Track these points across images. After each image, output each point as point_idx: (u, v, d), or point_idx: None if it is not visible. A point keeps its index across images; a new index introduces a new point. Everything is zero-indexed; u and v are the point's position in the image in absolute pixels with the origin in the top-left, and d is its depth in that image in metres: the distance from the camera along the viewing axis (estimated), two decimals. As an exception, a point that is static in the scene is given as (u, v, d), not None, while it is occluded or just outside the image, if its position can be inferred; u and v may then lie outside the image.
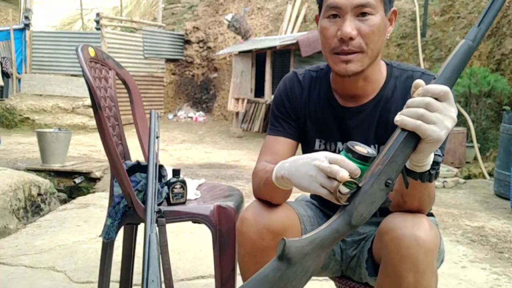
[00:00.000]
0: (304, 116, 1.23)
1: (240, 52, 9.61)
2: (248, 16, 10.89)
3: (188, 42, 11.94)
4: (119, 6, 15.68)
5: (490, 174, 5.29)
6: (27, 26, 10.40)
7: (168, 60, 11.75)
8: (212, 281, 2.02)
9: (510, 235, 3.09)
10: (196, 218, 1.49)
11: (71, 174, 5.08)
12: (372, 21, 1.05)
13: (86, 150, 6.77)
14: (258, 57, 9.41)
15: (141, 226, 1.54)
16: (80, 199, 3.87)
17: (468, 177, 5.44)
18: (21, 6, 12.03)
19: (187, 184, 1.59)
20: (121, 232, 1.62)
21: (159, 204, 1.46)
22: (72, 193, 4.87)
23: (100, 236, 1.56)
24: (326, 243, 0.83)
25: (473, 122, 5.95)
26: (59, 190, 4.60)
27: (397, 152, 0.81)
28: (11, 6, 13.14)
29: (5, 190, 3.33)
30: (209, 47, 11.84)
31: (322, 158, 0.86)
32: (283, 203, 1.12)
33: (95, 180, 5.04)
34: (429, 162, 0.86)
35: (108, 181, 2.97)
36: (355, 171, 0.82)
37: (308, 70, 1.27)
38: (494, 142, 5.87)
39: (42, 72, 10.32)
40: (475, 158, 5.79)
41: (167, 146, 7.52)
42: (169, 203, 1.54)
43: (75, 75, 9.97)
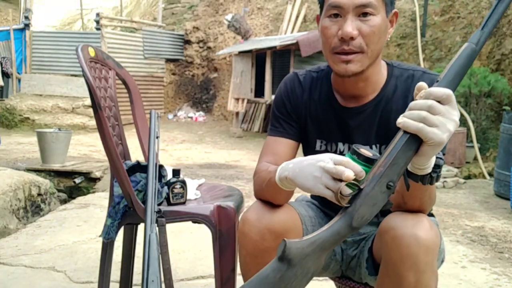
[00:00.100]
0: (305, 116, 1.23)
1: (240, 52, 9.61)
2: (248, 16, 10.88)
3: (188, 42, 11.94)
4: (119, 6, 15.68)
5: (490, 174, 5.29)
6: (27, 26, 10.40)
7: (168, 60, 11.75)
8: (212, 281, 2.02)
9: (510, 235, 3.09)
10: (196, 218, 1.49)
11: (71, 174, 5.08)
12: (373, 22, 1.05)
13: (86, 150, 6.76)
14: (258, 57, 9.41)
15: (141, 226, 1.54)
16: (80, 199, 3.87)
17: (468, 177, 5.44)
18: (21, 6, 12.02)
19: (187, 184, 1.59)
20: (121, 232, 1.61)
21: (159, 204, 1.46)
22: (72, 193, 4.86)
23: (100, 236, 1.56)
24: (326, 245, 0.83)
25: (473, 122, 5.95)
26: (59, 190, 4.59)
27: (399, 155, 0.81)
28: (11, 6, 13.14)
29: (5, 190, 3.32)
30: (209, 47, 11.84)
31: (327, 159, 0.87)
32: (284, 204, 1.12)
33: (95, 180, 5.04)
34: (430, 165, 0.87)
35: (108, 181, 2.97)
36: (360, 173, 0.83)
37: (309, 71, 1.27)
38: (494, 142, 5.87)
39: (42, 72, 10.31)
40: (475, 158, 5.79)
41: (167, 146, 7.52)
42: (169, 203, 1.54)
43: (75, 75, 9.96)
